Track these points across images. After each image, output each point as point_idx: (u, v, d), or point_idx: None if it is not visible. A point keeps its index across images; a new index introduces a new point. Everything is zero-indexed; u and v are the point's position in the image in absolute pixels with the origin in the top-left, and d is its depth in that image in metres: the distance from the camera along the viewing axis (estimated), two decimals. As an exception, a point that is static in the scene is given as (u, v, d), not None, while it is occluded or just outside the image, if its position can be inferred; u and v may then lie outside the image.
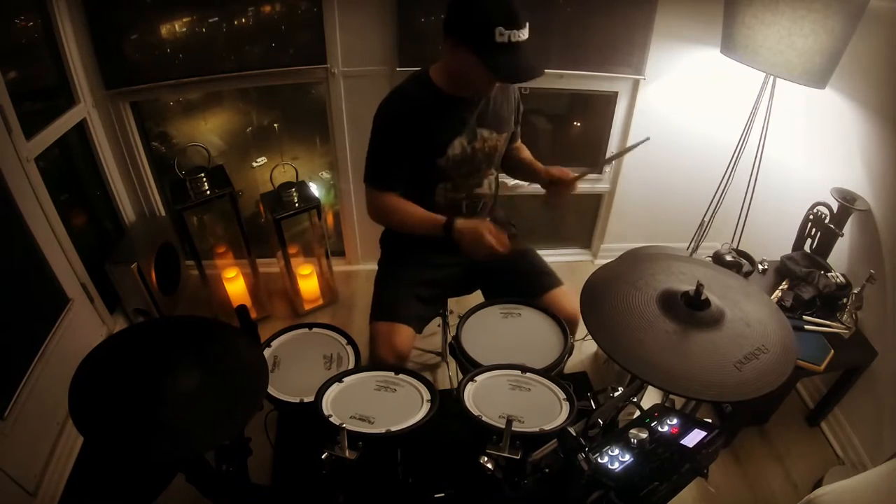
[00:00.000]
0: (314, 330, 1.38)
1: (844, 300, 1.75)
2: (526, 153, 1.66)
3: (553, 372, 1.22)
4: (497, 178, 1.60)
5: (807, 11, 1.54)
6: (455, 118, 1.39)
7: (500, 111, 1.47)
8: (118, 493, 1.55)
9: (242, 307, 1.24)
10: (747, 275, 1.92)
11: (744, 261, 1.95)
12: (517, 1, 1.20)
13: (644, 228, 2.65)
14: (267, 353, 1.29)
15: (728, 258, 1.95)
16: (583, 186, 2.56)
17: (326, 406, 1.10)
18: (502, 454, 0.98)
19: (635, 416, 1.15)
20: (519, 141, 1.66)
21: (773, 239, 2.17)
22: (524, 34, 1.21)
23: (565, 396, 1.14)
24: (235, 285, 2.31)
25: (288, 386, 1.19)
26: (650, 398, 1.75)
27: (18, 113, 1.63)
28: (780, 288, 1.85)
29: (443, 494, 1.18)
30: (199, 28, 2.05)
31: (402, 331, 1.41)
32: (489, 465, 0.99)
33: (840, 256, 1.90)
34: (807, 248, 1.95)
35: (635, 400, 1.29)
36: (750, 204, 2.13)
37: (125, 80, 2.03)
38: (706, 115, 2.33)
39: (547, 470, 1.00)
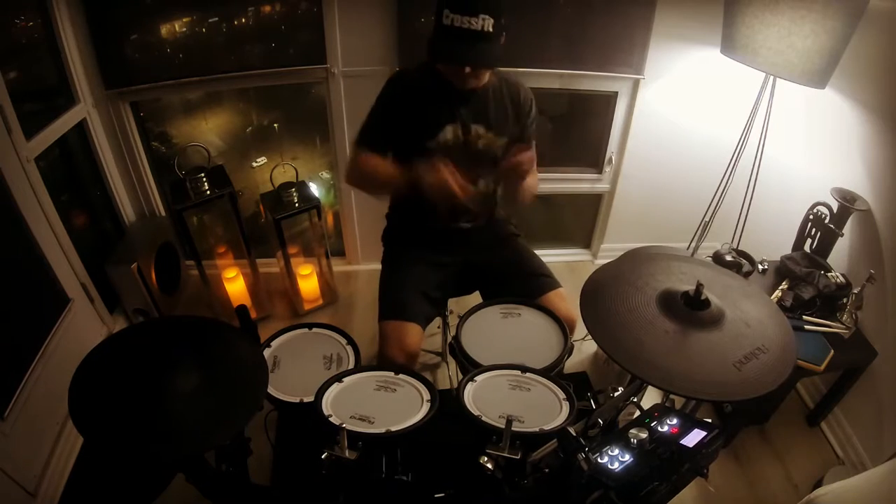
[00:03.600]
0: (314, 330, 1.37)
1: (844, 300, 1.75)
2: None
3: (553, 372, 1.22)
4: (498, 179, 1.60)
5: (807, 11, 1.54)
6: (450, 107, 1.41)
7: (499, 112, 1.46)
8: (118, 493, 1.55)
9: (242, 307, 1.24)
10: (747, 275, 1.92)
11: (744, 261, 1.95)
12: None
13: (644, 228, 2.65)
14: (267, 353, 1.28)
15: (728, 258, 1.95)
16: (583, 186, 2.58)
17: (326, 406, 1.10)
18: (502, 454, 0.98)
19: (635, 416, 1.15)
20: (531, 143, 1.58)
21: (773, 239, 2.17)
22: (475, 23, 1.20)
23: (565, 396, 1.14)
24: (235, 285, 2.31)
25: (288, 386, 1.19)
26: (650, 398, 1.75)
27: (18, 113, 1.63)
28: (780, 288, 1.85)
29: (443, 494, 1.18)
30: (199, 28, 2.05)
31: (412, 329, 1.41)
32: (489, 465, 0.99)
33: (840, 256, 1.90)
34: (807, 248, 1.95)
35: (635, 400, 1.29)
36: (750, 204, 2.13)
37: (125, 80, 2.03)
38: (706, 114, 2.33)
39: (547, 470, 1.00)
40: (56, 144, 1.89)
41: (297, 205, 2.12)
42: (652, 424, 1.06)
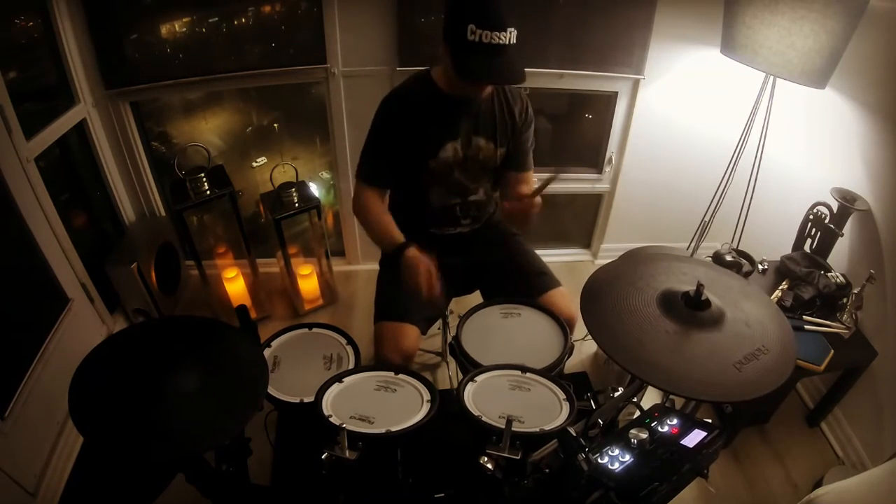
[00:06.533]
0: (314, 330, 1.37)
1: (844, 300, 1.75)
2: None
3: (553, 372, 1.22)
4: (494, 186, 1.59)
5: (807, 11, 1.54)
6: (450, 121, 1.39)
7: (498, 123, 1.43)
8: (118, 493, 1.55)
9: (242, 307, 1.24)
10: (747, 275, 1.92)
11: (744, 261, 1.95)
12: (501, 4, 1.16)
13: (644, 228, 2.65)
14: (267, 353, 1.29)
15: (728, 258, 1.95)
16: (583, 186, 2.58)
17: (326, 406, 1.10)
18: (502, 454, 0.98)
19: (635, 416, 1.15)
20: (529, 172, 1.53)
21: (773, 239, 2.17)
22: (503, 37, 1.16)
23: (565, 396, 1.14)
24: (235, 285, 2.31)
25: (288, 386, 1.19)
26: (650, 398, 1.75)
27: (18, 113, 1.63)
28: (780, 288, 1.85)
29: (443, 494, 1.18)
30: (199, 28, 2.05)
31: (409, 331, 1.40)
32: (489, 466, 0.99)
33: (840, 256, 1.90)
34: (807, 248, 1.95)
35: (635, 400, 1.29)
36: (750, 204, 2.13)
37: (125, 80, 2.03)
38: (706, 115, 2.33)
39: (547, 470, 1.00)
40: (56, 144, 1.89)
41: (297, 205, 2.12)
42: (652, 425, 1.06)
